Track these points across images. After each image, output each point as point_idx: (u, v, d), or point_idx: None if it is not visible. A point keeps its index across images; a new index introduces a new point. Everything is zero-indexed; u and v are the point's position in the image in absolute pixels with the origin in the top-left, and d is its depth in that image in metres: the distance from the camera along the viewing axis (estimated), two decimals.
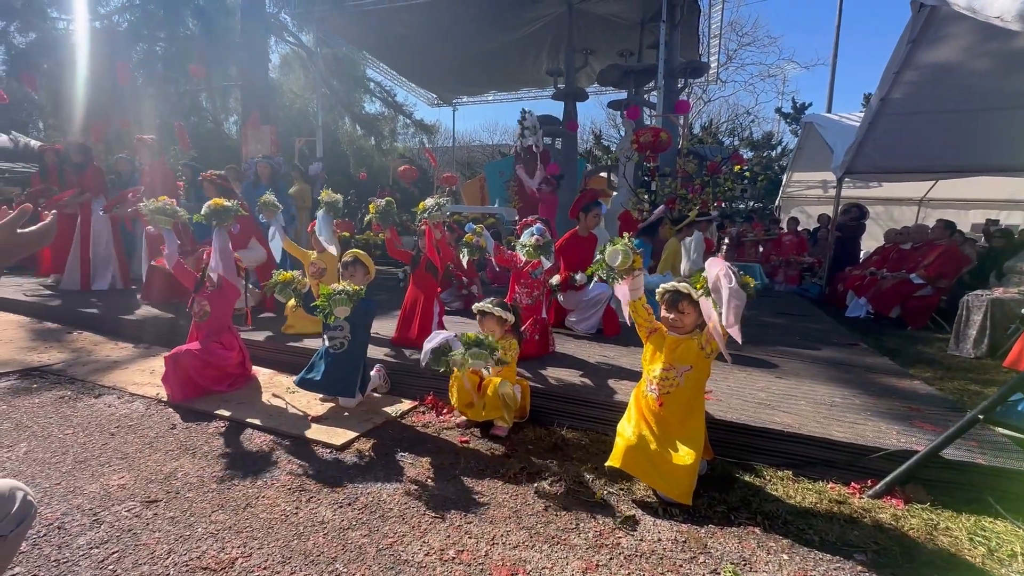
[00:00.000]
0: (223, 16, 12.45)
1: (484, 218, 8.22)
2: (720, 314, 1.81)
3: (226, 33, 12.28)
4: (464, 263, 4.20)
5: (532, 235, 3.29)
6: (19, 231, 1.09)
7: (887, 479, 2.06)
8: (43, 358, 3.59)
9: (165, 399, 2.89)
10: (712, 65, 11.67)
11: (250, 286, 4.01)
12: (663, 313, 2.15)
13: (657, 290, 2.19)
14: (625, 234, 2.17)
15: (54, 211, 1.20)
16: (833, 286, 7.47)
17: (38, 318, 4.70)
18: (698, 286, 1.96)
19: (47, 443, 2.35)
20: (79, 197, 5.66)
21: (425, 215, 3.52)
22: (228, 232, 3.17)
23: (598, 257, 2.18)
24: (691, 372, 2.04)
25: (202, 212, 3.11)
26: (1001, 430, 2.32)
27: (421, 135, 20.09)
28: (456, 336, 2.47)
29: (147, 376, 3.29)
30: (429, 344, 2.47)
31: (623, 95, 10.90)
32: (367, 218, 3.97)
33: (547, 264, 3.35)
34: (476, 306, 2.70)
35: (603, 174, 12.29)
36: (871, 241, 9.27)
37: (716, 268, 1.87)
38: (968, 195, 10.25)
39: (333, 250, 4.07)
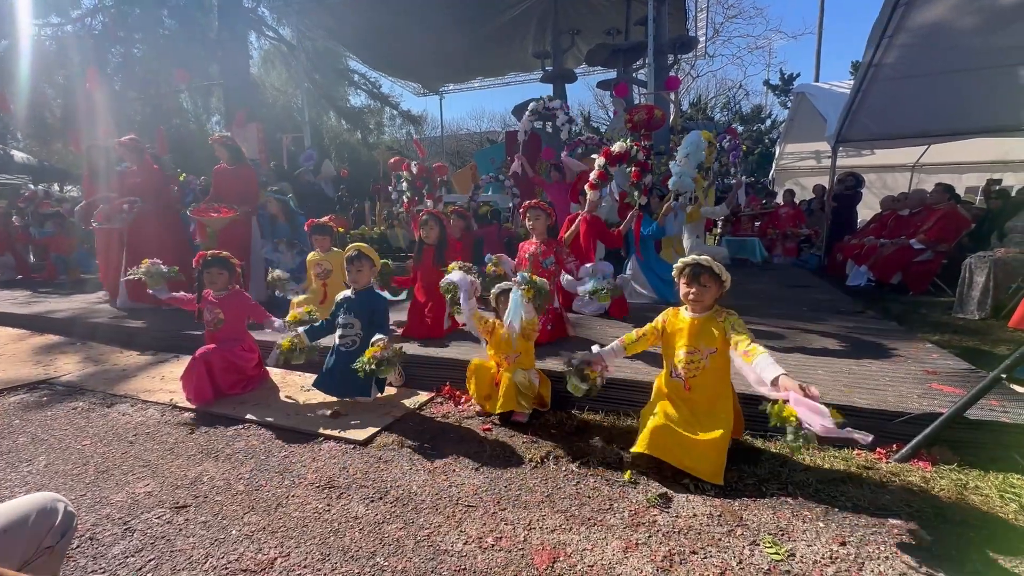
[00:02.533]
0: (201, 13, 12.17)
1: (479, 206, 8.15)
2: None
3: (204, 31, 12.01)
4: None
5: (604, 277, 3.43)
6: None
7: (913, 442, 2.08)
8: (50, 371, 3.53)
9: (179, 405, 2.86)
10: (700, 39, 11.56)
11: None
12: (683, 288, 2.12)
13: (676, 264, 2.17)
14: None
15: None
16: (832, 256, 7.49)
17: (39, 331, 4.63)
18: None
19: (66, 455, 2.32)
20: (131, 211, 4.82)
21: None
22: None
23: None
24: (716, 354, 2.03)
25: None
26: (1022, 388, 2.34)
27: (408, 126, 19.86)
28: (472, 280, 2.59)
29: (158, 383, 3.25)
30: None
31: (612, 75, 10.80)
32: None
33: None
34: (500, 285, 2.64)
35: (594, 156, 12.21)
36: (866, 210, 9.30)
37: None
38: (961, 158, 10.27)
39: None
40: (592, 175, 4.44)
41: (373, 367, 2.44)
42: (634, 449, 2.06)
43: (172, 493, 1.99)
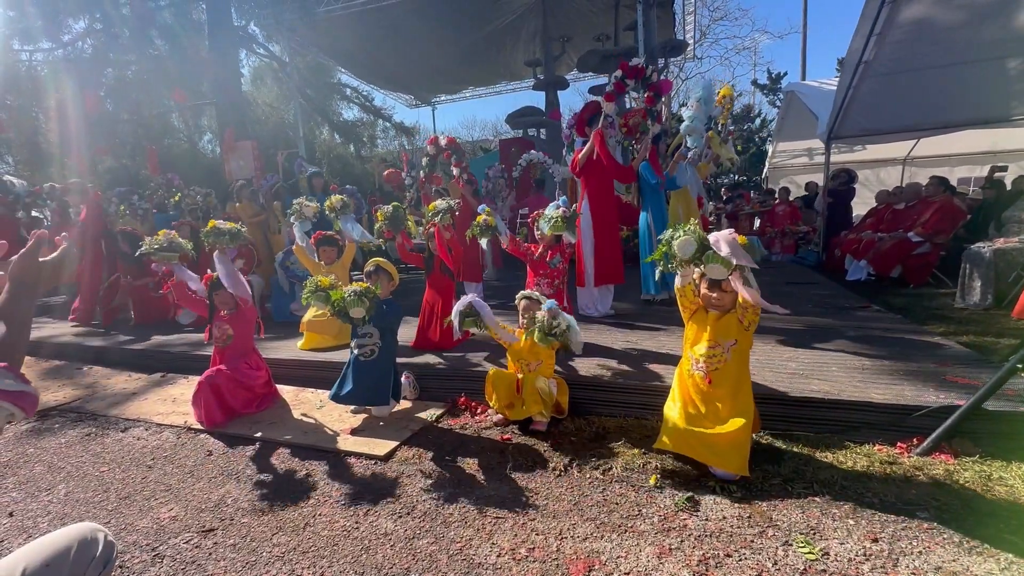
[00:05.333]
0: (191, 32, 12.18)
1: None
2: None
3: (195, 50, 12.03)
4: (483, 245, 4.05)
5: (558, 207, 3.27)
6: (41, 260, 1.07)
7: (933, 436, 2.09)
8: (58, 397, 3.51)
9: (194, 427, 2.84)
10: (689, 42, 11.69)
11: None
12: (704, 291, 2.13)
13: (696, 270, 2.18)
14: (692, 220, 2.12)
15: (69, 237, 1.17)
16: (830, 251, 7.55)
17: (43, 357, 4.60)
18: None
19: (85, 482, 2.30)
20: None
21: (436, 218, 3.49)
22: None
23: (663, 242, 2.02)
24: (736, 346, 2.05)
25: (203, 234, 3.07)
26: None
27: (401, 138, 19.93)
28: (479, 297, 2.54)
29: (170, 405, 3.23)
30: (458, 307, 2.62)
31: (603, 80, 10.88)
32: (376, 226, 3.92)
33: (571, 240, 3.34)
34: (524, 292, 2.69)
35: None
36: (862, 206, 9.38)
37: (714, 235, 1.92)
38: (950, 150, 10.40)
39: (367, 238, 4.04)
40: (608, 87, 4.38)
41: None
42: (656, 445, 2.07)
43: (197, 517, 1.97)
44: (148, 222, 7.19)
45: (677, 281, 2.16)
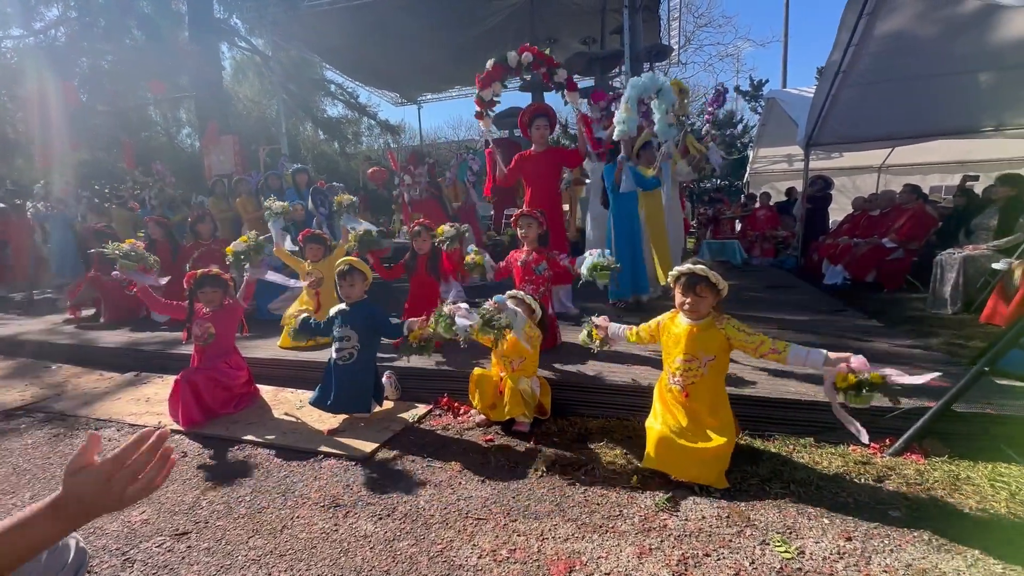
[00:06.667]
0: (170, 24, 11.91)
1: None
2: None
3: (174, 41, 11.76)
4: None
5: (604, 255, 3.05)
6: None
7: (905, 436, 2.15)
8: (25, 396, 3.38)
9: (169, 427, 2.77)
10: (674, 47, 11.83)
11: None
12: (678, 297, 2.14)
13: (671, 273, 2.19)
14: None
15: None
16: (808, 256, 7.71)
17: (9, 355, 4.44)
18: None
19: (52, 485, 2.22)
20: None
21: (443, 245, 3.52)
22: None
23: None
24: (714, 362, 2.06)
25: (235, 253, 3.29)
26: (1005, 380, 2.44)
27: (387, 136, 19.76)
28: (463, 308, 2.46)
29: (143, 405, 3.15)
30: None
31: (590, 82, 10.95)
32: (346, 246, 3.80)
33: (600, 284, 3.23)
34: (511, 292, 2.66)
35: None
36: (838, 211, 9.60)
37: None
38: (923, 159, 10.71)
39: (367, 227, 3.96)
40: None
41: (420, 345, 2.54)
42: (643, 464, 2.08)
43: (170, 520, 1.92)
44: (124, 218, 7.05)
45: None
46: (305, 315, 3.02)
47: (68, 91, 7.39)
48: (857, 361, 1.84)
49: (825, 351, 1.92)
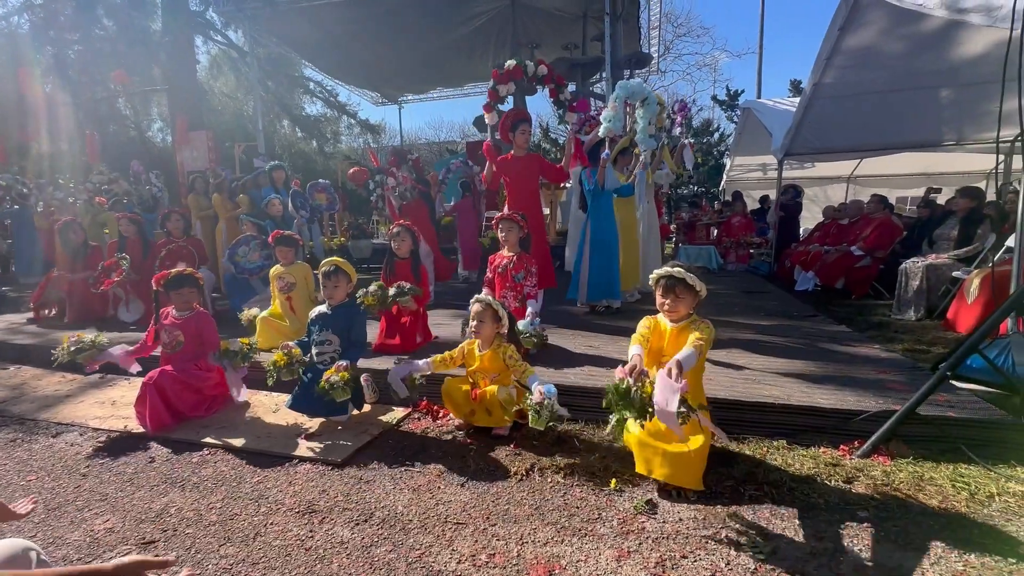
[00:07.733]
0: (141, 14, 11.56)
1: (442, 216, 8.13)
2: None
3: (146, 33, 11.42)
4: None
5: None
6: None
7: (872, 439, 2.22)
8: None
9: (136, 432, 2.67)
10: (653, 56, 12.02)
11: None
12: (658, 299, 2.18)
13: (651, 275, 2.22)
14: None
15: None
16: (781, 262, 7.92)
17: None
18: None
19: (8, 492, 2.12)
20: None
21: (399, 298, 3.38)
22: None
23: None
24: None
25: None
26: (965, 385, 2.55)
27: (366, 135, 19.55)
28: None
29: (108, 408, 3.03)
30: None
31: (571, 88, 11.03)
32: (359, 300, 3.47)
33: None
34: (478, 296, 2.61)
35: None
36: (809, 219, 9.90)
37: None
38: (889, 171, 11.13)
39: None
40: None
41: (326, 388, 2.42)
42: (622, 466, 2.10)
43: (136, 528, 1.85)
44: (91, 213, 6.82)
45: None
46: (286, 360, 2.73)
47: (24, 78, 7.07)
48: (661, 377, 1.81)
49: (676, 358, 1.86)
